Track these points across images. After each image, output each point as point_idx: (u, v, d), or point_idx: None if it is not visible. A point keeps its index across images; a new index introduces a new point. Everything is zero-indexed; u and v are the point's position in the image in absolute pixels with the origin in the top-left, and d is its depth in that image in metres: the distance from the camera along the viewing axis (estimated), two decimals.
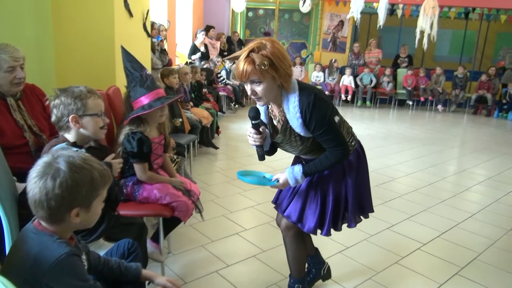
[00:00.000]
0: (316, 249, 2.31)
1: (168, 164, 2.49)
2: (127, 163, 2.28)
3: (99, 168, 1.23)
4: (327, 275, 2.32)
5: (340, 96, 9.76)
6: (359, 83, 9.83)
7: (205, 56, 7.94)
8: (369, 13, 11.44)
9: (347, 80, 9.82)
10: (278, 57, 1.60)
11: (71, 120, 1.80)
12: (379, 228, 3.17)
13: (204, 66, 6.51)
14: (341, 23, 11.06)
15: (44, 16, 3.31)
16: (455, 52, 12.97)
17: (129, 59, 2.22)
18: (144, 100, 2.17)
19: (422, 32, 7.32)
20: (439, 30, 8.78)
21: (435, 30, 7.25)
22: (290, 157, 2.08)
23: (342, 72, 10.14)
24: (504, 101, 9.45)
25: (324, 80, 9.96)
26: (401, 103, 10.32)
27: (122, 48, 2.25)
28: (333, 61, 9.99)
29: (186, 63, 5.68)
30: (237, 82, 8.44)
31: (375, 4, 9.81)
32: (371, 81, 9.82)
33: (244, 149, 5.28)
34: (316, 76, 9.99)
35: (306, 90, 1.70)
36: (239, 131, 6.43)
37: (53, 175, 1.15)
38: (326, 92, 9.69)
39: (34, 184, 1.16)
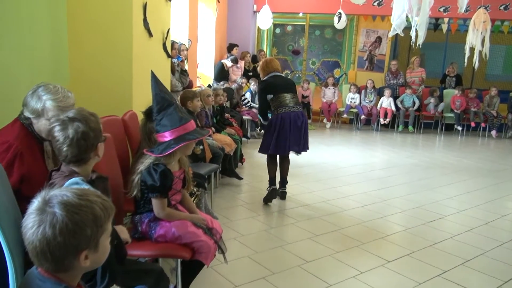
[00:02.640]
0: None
1: (187, 199, 2.48)
2: (143, 197, 2.28)
3: (99, 201, 1.21)
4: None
5: (379, 120, 9.65)
6: (399, 105, 9.71)
7: (224, 77, 8.05)
8: (410, 28, 11.40)
9: (386, 102, 9.73)
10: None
11: (99, 147, 1.82)
12: (429, 275, 3.04)
13: (224, 86, 6.59)
14: (379, 39, 11.06)
15: (60, 35, 3.44)
16: (510, 71, 12.70)
17: (161, 86, 2.26)
18: (171, 135, 2.20)
19: (472, 49, 7.22)
20: (491, 46, 8.63)
21: (487, 47, 7.13)
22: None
23: (380, 93, 10.06)
24: None
25: (360, 102, 9.90)
26: (449, 128, 10.10)
27: (152, 74, 2.29)
28: (368, 82, 9.95)
29: (209, 86, 5.76)
30: None
31: (416, 19, 9.80)
32: (414, 103, 9.69)
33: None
34: (351, 98, 9.94)
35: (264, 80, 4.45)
36: (265, 159, 6.39)
37: (51, 222, 1.13)
38: (363, 116, 9.60)
39: (32, 236, 1.14)
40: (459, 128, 9.65)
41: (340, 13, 8.74)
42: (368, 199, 4.69)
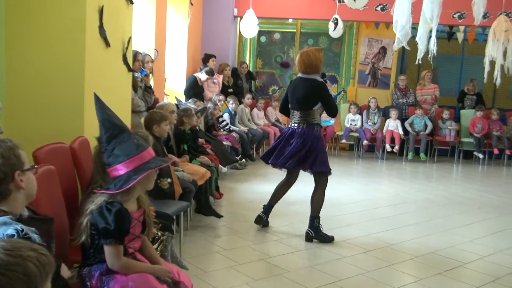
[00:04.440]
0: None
1: (148, 246, 2.46)
2: (94, 244, 2.25)
3: (33, 256, 1.17)
4: None
5: (384, 147, 9.75)
6: (409, 129, 9.85)
7: (198, 93, 8.09)
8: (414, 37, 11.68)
9: (393, 124, 9.86)
10: None
11: (16, 178, 1.81)
12: None
13: (196, 105, 6.61)
14: (383, 50, 11.29)
15: None
16: None
17: (108, 111, 2.26)
18: (126, 167, 2.20)
19: (492, 63, 7.40)
20: None
21: (510, 60, 7.32)
22: None
23: (386, 114, 10.20)
24: None
25: (362, 125, 10.01)
26: (468, 156, 10.26)
27: (96, 97, 2.30)
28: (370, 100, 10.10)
29: (177, 106, 5.78)
30: (245, 129, 8.54)
31: (428, 26, 10.05)
32: (426, 126, 9.84)
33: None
34: (351, 120, 10.07)
35: None
36: (249, 195, 6.40)
37: None
38: (365, 142, 9.70)
39: None
40: (480, 155, 9.79)
41: (337, 19, 8.93)
42: (372, 243, 4.69)
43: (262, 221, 4.98)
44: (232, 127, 8.25)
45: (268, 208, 5.05)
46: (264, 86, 15.46)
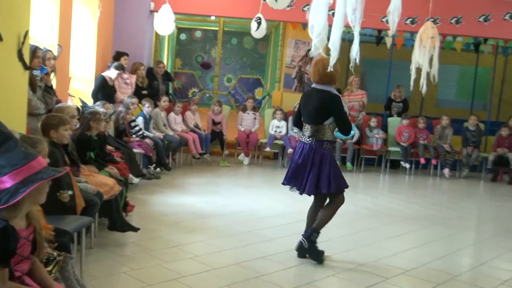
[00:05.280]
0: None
1: (38, 268, 2.37)
2: None
3: None
4: None
5: None
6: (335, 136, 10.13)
7: (108, 95, 7.92)
8: (348, 40, 12.07)
9: None
10: None
11: None
12: None
13: (102, 109, 6.46)
14: (310, 53, 11.58)
15: None
16: (465, 96, 13.92)
17: None
18: (13, 178, 2.12)
19: (419, 70, 7.79)
20: (443, 66, 9.35)
21: (435, 68, 7.74)
22: None
23: None
24: None
25: (287, 132, 10.19)
26: (395, 166, 10.71)
27: None
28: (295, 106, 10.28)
29: (79, 110, 5.62)
30: (160, 135, 8.44)
31: (340, 31, 10.42)
32: (353, 134, 10.17)
33: (168, 236, 5.16)
34: (276, 127, 10.21)
35: None
36: (163, 208, 6.32)
37: None
38: (290, 150, 9.87)
39: None
40: (407, 165, 10.26)
41: (260, 19, 9.04)
42: (295, 259, 4.76)
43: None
44: (146, 133, 8.12)
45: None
46: (183, 88, 15.43)
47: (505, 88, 13.78)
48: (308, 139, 4.71)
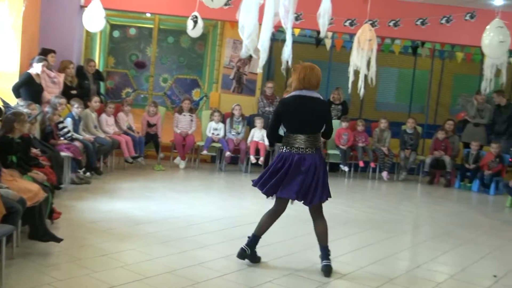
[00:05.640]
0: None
1: None
2: None
3: None
4: None
5: (249, 159, 10.02)
6: None
7: (35, 93, 7.68)
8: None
9: (258, 135, 10.18)
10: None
11: None
12: None
13: (26, 110, 6.27)
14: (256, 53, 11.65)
15: None
16: (403, 99, 14.39)
17: None
18: None
19: (357, 72, 8.01)
20: (381, 68, 9.68)
21: (373, 70, 7.97)
22: None
23: (251, 123, 10.51)
24: (467, 166, 10.50)
25: (225, 134, 10.20)
26: (334, 169, 10.91)
27: None
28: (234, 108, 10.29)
29: (0, 110, 5.45)
30: (91, 137, 8.28)
31: (295, 30, 10.59)
32: None
33: (97, 245, 5.06)
34: (213, 129, 10.20)
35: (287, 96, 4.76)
36: (93, 214, 6.20)
37: None
38: (228, 153, 9.88)
39: None
40: (346, 168, 10.49)
41: (196, 17, 9.02)
42: (231, 266, 4.78)
43: (245, 255, 4.85)
44: (75, 135, 7.93)
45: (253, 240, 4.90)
46: (116, 88, 15.15)
47: (442, 91, 14.36)
48: (306, 150, 4.63)
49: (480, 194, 10.16)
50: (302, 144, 4.62)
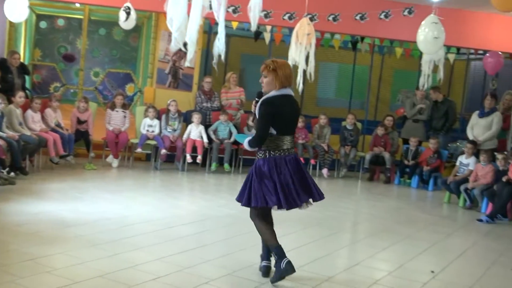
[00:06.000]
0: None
1: None
2: None
3: None
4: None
5: (185, 157, 9.98)
6: (212, 136, 10.24)
7: None
8: (227, 35, 12.24)
9: (195, 132, 10.15)
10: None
11: None
12: None
13: None
14: (185, 47, 11.56)
15: None
16: (344, 95, 14.69)
17: None
18: None
19: (295, 67, 8.10)
20: (322, 63, 9.83)
21: (312, 65, 8.09)
22: None
23: (187, 119, 10.46)
24: (406, 162, 10.83)
25: (161, 131, 10.12)
26: None
27: None
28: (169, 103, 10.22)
29: None
30: (15, 135, 8.04)
31: (233, 23, 10.63)
32: (231, 133, 10.32)
33: (23, 249, 4.91)
34: (148, 126, 10.10)
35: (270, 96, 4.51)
36: (18, 217, 6.03)
37: None
38: (164, 151, 9.80)
39: None
40: None
41: (129, 8, 8.90)
42: (167, 268, 4.74)
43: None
44: None
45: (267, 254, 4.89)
46: (43, 82, 14.72)
47: (382, 87, 14.75)
48: (291, 151, 4.63)
49: (419, 190, 10.52)
50: (289, 145, 4.61)
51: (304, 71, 8.05)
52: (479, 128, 9.68)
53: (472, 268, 5.69)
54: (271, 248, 4.68)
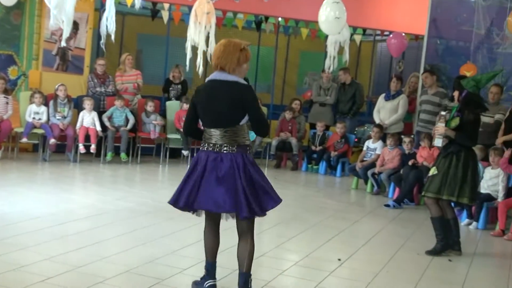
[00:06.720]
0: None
1: None
2: None
3: None
4: None
5: (78, 146, 9.75)
6: (107, 124, 10.04)
7: None
8: (121, 13, 12.01)
9: (88, 119, 9.93)
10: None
11: None
12: None
13: None
14: (75, 25, 11.20)
15: None
16: (249, 78, 14.78)
17: None
18: None
19: (195, 48, 8.07)
20: None
21: (212, 46, 8.07)
22: None
23: (79, 105, 10.21)
24: (313, 148, 11.12)
25: (49, 119, 9.81)
26: (176, 155, 10.98)
27: None
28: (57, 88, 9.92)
29: None
30: None
31: (128, 0, 10.41)
32: (127, 120, 10.16)
33: None
34: (34, 113, 9.77)
35: None
36: None
37: None
38: (52, 140, 9.53)
39: None
40: (187, 153, 10.54)
41: None
42: (57, 268, 4.65)
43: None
44: None
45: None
46: None
47: (288, 69, 15.00)
48: (223, 147, 4.09)
49: (327, 177, 10.87)
50: (219, 140, 4.09)
51: (204, 52, 8.04)
52: (386, 111, 10.04)
53: (380, 254, 5.97)
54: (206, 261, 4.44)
